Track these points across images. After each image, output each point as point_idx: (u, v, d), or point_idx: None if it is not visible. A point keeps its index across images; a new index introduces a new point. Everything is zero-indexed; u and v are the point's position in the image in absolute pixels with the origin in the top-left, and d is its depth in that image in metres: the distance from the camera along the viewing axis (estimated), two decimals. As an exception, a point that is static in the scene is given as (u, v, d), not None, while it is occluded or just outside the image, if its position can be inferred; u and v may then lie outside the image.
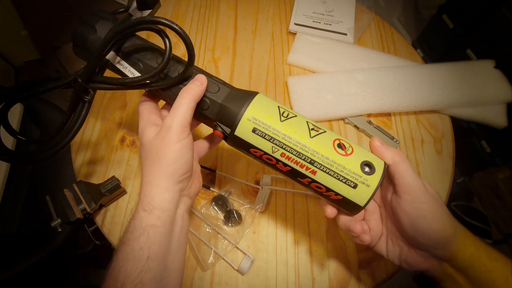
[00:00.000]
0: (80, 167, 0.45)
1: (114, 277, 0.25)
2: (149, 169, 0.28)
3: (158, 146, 0.27)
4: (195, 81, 0.29)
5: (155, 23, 0.27)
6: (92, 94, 0.32)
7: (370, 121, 0.49)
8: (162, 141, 0.27)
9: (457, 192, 1.05)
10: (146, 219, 0.26)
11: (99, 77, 0.30)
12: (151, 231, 0.26)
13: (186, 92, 0.28)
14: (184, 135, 0.27)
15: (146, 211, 0.27)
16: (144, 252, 0.25)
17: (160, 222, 0.26)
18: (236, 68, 0.56)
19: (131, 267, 0.25)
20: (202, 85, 0.28)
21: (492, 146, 0.95)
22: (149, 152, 0.28)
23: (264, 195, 0.41)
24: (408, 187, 0.26)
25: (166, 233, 0.27)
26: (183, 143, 0.27)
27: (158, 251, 0.26)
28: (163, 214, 0.27)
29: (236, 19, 0.63)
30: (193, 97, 0.28)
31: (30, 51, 1.26)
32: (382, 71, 0.53)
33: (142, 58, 0.30)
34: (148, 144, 0.28)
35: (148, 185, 0.27)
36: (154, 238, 0.26)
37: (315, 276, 0.38)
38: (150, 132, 0.28)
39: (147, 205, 0.27)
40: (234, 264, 0.38)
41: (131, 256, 0.25)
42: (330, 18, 0.61)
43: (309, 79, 0.52)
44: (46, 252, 0.56)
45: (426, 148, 0.49)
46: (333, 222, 0.42)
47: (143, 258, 0.25)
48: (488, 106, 0.52)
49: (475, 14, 0.98)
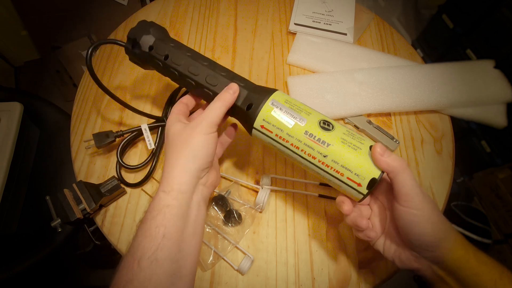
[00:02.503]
0: (80, 167, 0.45)
1: (132, 253, 0.27)
2: (173, 154, 0.31)
3: (187, 134, 0.31)
4: (229, 89, 0.33)
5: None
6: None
7: (370, 121, 0.49)
8: (192, 131, 0.31)
9: (457, 192, 1.05)
10: (164, 199, 0.29)
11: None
12: (167, 210, 0.28)
13: (220, 99, 0.33)
14: (211, 130, 0.31)
15: (165, 192, 0.29)
16: (160, 230, 0.27)
17: (176, 202, 0.29)
18: (236, 68, 0.56)
19: (148, 244, 0.27)
20: (234, 93, 0.33)
21: (492, 146, 0.95)
22: (178, 139, 0.31)
23: (264, 195, 0.41)
24: (406, 196, 0.27)
25: (181, 215, 0.29)
26: (210, 136, 0.31)
27: (174, 231, 0.28)
28: (179, 196, 0.29)
29: (236, 19, 0.63)
30: (225, 103, 0.32)
31: (30, 51, 1.26)
32: (382, 71, 0.53)
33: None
34: (177, 133, 0.31)
35: (170, 167, 0.30)
36: (170, 217, 0.28)
37: (315, 276, 0.38)
38: (178, 126, 0.32)
39: (166, 187, 0.29)
40: (234, 264, 0.38)
41: (148, 233, 0.27)
42: (330, 18, 0.61)
43: (309, 79, 0.52)
44: (46, 252, 0.56)
45: (426, 148, 0.49)
46: (333, 222, 0.42)
47: (159, 236, 0.27)
48: (488, 106, 0.52)
49: (475, 14, 0.98)
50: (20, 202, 0.61)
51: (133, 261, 0.26)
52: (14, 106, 0.62)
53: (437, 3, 1.13)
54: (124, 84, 0.53)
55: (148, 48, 0.37)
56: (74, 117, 0.50)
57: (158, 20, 0.62)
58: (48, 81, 1.27)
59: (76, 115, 0.50)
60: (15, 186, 0.58)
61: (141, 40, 0.37)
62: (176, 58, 0.36)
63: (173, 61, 0.36)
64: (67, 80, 1.18)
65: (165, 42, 0.37)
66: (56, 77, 1.21)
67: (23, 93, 0.72)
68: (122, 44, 0.38)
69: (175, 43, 0.37)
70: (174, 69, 0.36)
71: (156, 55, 0.36)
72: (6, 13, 1.09)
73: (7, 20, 1.12)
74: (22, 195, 0.61)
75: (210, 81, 0.35)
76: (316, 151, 0.29)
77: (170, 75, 0.37)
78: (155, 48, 0.37)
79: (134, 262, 0.26)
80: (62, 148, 0.39)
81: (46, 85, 1.28)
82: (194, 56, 0.36)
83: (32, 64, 1.31)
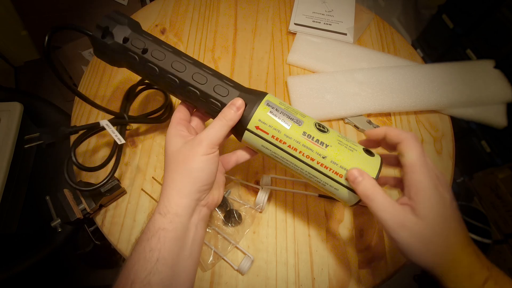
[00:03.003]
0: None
1: (125, 276, 0.26)
2: (172, 174, 0.29)
3: (186, 154, 0.29)
4: (232, 106, 0.30)
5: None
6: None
7: (370, 121, 0.49)
8: (191, 151, 0.29)
9: (457, 192, 1.05)
10: (159, 221, 0.27)
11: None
12: (162, 234, 0.27)
13: (223, 117, 0.30)
14: (212, 151, 0.29)
15: (161, 214, 0.28)
16: (154, 254, 0.26)
17: (172, 226, 0.27)
18: (236, 68, 0.56)
19: (141, 267, 0.26)
20: (238, 110, 0.30)
21: (492, 146, 0.95)
22: (176, 158, 0.29)
23: (264, 195, 0.41)
24: (382, 223, 0.26)
25: (176, 238, 0.27)
26: (209, 157, 0.29)
27: (168, 256, 0.27)
28: (175, 219, 0.27)
29: (236, 19, 0.63)
30: (228, 123, 0.30)
31: (30, 51, 1.26)
32: (382, 71, 0.53)
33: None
34: (176, 151, 0.29)
35: (168, 189, 0.29)
36: (164, 241, 0.27)
37: (315, 276, 0.38)
38: (177, 142, 0.30)
39: (162, 208, 0.28)
40: (234, 264, 0.38)
41: (142, 256, 0.26)
42: (330, 18, 0.61)
43: (309, 79, 0.52)
44: (46, 252, 0.56)
45: (426, 148, 0.49)
46: (333, 222, 0.42)
47: (153, 260, 0.26)
48: (488, 106, 0.52)
49: (475, 14, 0.98)
50: (20, 202, 0.61)
51: (126, 283, 0.25)
52: (14, 106, 0.62)
53: (437, 3, 1.13)
54: (124, 86, 0.53)
55: (122, 39, 0.32)
56: (74, 117, 0.50)
57: (158, 20, 0.62)
58: (48, 81, 1.27)
59: (76, 115, 0.50)
60: (15, 186, 0.58)
61: (115, 29, 0.32)
62: (157, 53, 0.32)
63: (154, 56, 0.32)
64: (67, 80, 1.18)
65: (143, 35, 0.33)
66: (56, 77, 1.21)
67: (23, 93, 0.72)
68: (89, 34, 0.32)
69: (153, 37, 0.33)
70: (154, 65, 0.32)
71: (132, 48, 0.32)
72: (6, 13, 1.09)
73: (7, 20, 1.12)
74: (22, 195, 0.61)
75: (197, 79, 0.31)
76: (315, 152, 0.29)
77: (147, 72, 0.33)
78: (131, 40, 0.32)
79: (126, 285, 0.25)
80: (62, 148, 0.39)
81: (46, 85, 1.28)
82: (177, 52, 0.33)
83: (32, 64, 1.31)
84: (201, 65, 0.32)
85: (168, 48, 0.32)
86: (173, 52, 0.32)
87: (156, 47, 0.32)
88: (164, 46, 0.32)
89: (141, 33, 0.33)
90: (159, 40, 0.33)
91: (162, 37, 0.60)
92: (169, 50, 0.32)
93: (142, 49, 0.32)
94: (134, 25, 0.33)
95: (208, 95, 0.31)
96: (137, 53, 0.32)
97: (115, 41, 0.32)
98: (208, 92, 0.31)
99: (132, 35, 0.32)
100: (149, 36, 0.33)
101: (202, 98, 0.32)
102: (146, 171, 0.45)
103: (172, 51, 0.32)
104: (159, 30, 0.60)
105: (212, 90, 0.31)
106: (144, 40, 0.32)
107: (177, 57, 0.32)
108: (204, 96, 0.31)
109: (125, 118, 0.42)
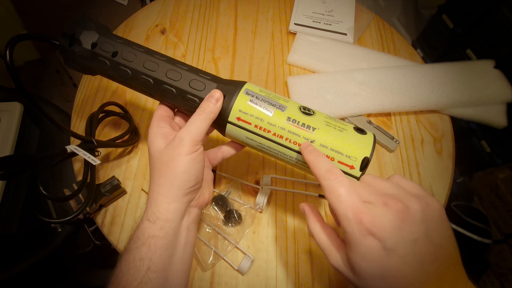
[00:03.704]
0: (80, 167, 0.45)
1: (116, 285, 0.25)
2: (157, 179, 0.28)
3: (169, 156, 0.27)
4: (211, 98, 0.29)
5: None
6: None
7: (370, 121, 0.49)
8: (173, 151, 0.27)
9: (457, 192, 1.05)
10: (148, 229, 0.26)
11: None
12: (152, 242, 0.26)
13: (202, 112, 0.28)
14: (195, 148, 0.28)
15: (150, 221, 0.27)
16: (144, 263, 0.25)
17: (162, 233, 0.26)
18: (236, 68, 0.56)
19: (132, 277, 0.25)
20: (217, 102, 0.28)
21: (492, 146, 0.95)
22: (159, 160, 0.28)
23: (264, 195, 0.41)
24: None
25: (167, 245, 0.27)
26: (194, 156, 0.27)
27: (159, 263, 0.26)
28: (166, 225, 0.27)
29: (236, 19, 0.63)
30: (208, 115, 0.28)
31: (30, 51, 1.26)
32: (382, 71, 0.53)
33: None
34: (158, 153, 0.28)
35: (154, 195, 0.27)
36: (155, 249, 0.26)
37: (315, 276, 0.38)
38: (159, 143, 0.28)
39: (151, 215, 0.27)
40: (234, 264, 0.38)
41: (132, 265, 0.25)
42: (330, 18, 0.61)
43: (309, 79, 0.52)
44: (46, 252, 0.56)
45: (426, 148, 0.49)
46: (333, 222, 0.42)
47: (144, 269, 0.25)
48: (488, 106, 0.52)
49: (475, 14, 0.98)
50: (20, 202, 0.61)
51: None
52: (14, 106, 0.62)
53: (437, 3, 1.13)
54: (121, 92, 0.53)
55: (90, 45, 0.31)
56: (74, 117, 0.50)
57: (158, 20, 0.62)
58: (48, 81, 1.27)
59: (76, 115, 0.50)
60: (15, 186, 0.58)
61: (81, 36, 0.31)
62: (127, 54, 0.31)
63: (124, 57, 0.30)
64: (67, 80, 1.18)
65: (111, 38, 0.31)
66: (56, 77, 1.21)
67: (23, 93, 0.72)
68: (56, 43, 0.31)
69: (123, 40, 0.32)
70: (125, 67, 0.31)
71: (102, 53, 0.31)
72: (6, 13, 1.09)
73: (7, 20, 1.11)
74: (22, 195, 0.61)
75: (171, 76, 0.30)
76: (302, 137, 0.27)
77: (120, 76, 0.31)
78: (100, 45, 0.31)
79: None
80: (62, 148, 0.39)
81: (46, 85, 1.28)
82: (149, 51, 0.31)
83: (32, 64, 1.31)
84: (175, 61, 0.31)
85: (139, 48, 0.31)
86: (145, 51, 0.31)
87: (126, 48, 0.31)
88: (134, 46, 0.31)
89: (110, 37, 0.32)
90: (130, 41, 0.32)
91: (162, 37, 0.60)
92: (140, 50, 0.31)
93: (112, 53, 0.31)
94: (102, 29, 0.32)
95: (185, 92, 0.30)
96: (107, 57, 0.31)
97: (83, 48, 0.31)
98: (183, 88, 0.30)
99: (101, 39, 0.31)
100: (118, 39, 0.32)
101: (179, 95, 0.30)
102: (146, 171, 0.45)
103: (144, 50, 0.31)
104: (159, 30, 0.60)
105: (187, 85, 0.30)
106: (113, 43, 0.31)
107: (148, 56, 0.31)
108: (180, 93, 0.30)
109: (93, 142, 0.40)
